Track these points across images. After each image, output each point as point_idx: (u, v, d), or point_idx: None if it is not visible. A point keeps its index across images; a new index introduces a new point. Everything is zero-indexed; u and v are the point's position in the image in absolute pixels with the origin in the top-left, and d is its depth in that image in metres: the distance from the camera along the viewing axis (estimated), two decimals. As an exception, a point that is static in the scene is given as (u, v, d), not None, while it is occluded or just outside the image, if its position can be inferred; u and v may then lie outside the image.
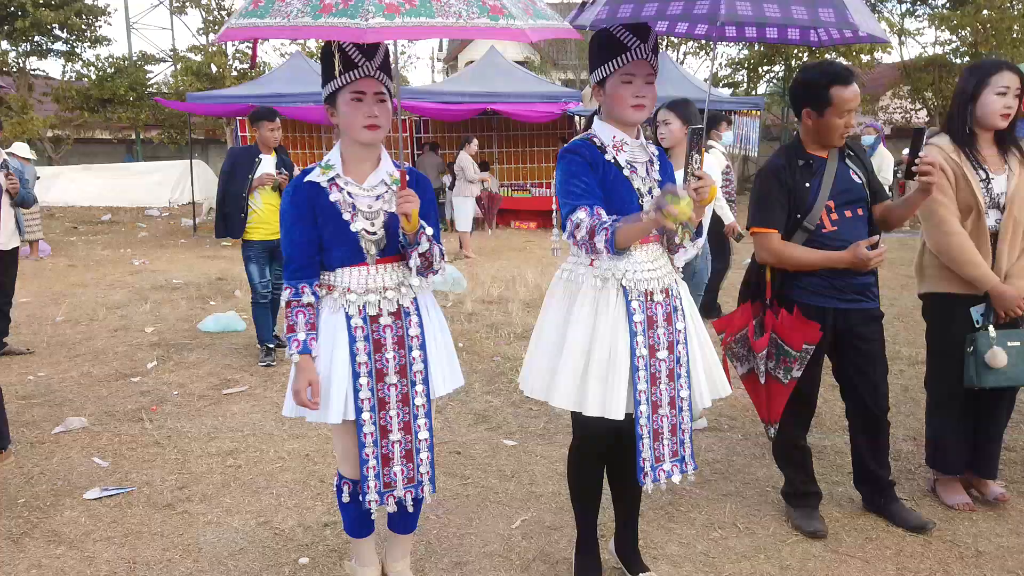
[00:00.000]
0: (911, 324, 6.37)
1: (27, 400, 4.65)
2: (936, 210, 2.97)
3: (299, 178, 2.26)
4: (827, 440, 3.91)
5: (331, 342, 2.24)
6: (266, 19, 1.89)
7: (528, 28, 1.93)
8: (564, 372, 2.32)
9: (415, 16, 1.81)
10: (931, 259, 3.10)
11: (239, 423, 4.25)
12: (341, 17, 1.78)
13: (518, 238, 12.99)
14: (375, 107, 2.19)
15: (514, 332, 6.21)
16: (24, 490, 3.44)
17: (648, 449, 2.34)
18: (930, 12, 20.25)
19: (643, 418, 2.32)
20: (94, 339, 6.14)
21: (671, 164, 2.53)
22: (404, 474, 2.32)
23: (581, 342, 2.31)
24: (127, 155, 24.45)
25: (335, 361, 2.23)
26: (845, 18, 2.28)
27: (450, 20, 1.84)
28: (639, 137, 2.41)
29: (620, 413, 2.29)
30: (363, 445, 2.26)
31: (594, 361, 2.29)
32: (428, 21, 1.82)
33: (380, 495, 2.30)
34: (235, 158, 5.48)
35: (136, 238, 13.36)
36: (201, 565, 2.80)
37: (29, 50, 22.61)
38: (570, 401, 2.32)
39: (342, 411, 2.23)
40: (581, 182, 2.27)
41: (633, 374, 2.29)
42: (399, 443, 2.30)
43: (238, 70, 21.16)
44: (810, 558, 2.82)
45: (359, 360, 2.24)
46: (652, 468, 2.36)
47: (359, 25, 1.76)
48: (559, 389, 2.33)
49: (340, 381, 2.23)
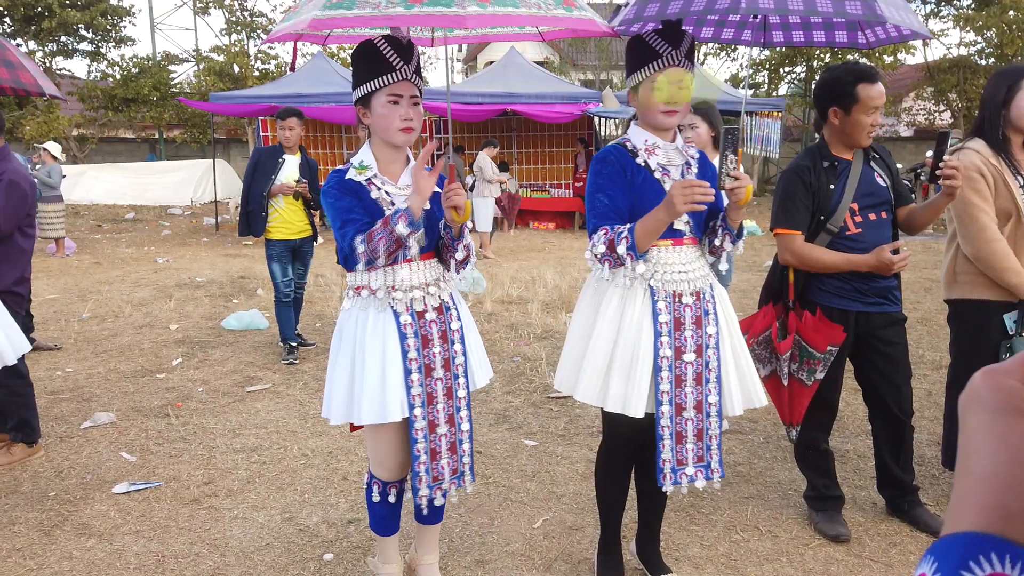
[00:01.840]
0: (934, 328, 6.32)
1: (56, 395, 4.73)
2: (977, 216, 2.93)
3: (340, 175, 2.26)
4: (849, 444, 3.90)
5: (382, 342, 2.24)
6: (355, 10, 1.90)
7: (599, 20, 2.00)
8: (589, 367, 2.35)
9: (503, 6, 1.87)
10: (966, 265, 3.04)
11: (263, 420, 4.30)
12: (436, 6, 1.82)
13: (537, 238, 13.00)
14: (410, 110, 2.21)
15: (533, 333, 6.23)
16: (54, 483, 3.51)
17: (669, 451, 2.35)
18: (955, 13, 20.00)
19: (664, 419, 2.33)
20: (120, 336, 6.23)
21: (713, 166, 2.52)
22: (450, 466, 2.36)
23: (606, 339, 2.33)
24: (150, 154, 24.74)
25: (387, 360, 2.23)
26: (873, 10, 2.27)
27: (532, 10, 1.91)
28: (675, 140, 2.41)
29: (640, 411, 2.30)
30: (415, 441, 2.27)
31: (617, 358, 2.32)
32: (514, 11, 1.88)
33: (430, 488, 2.32)
34: (259, 157, 5.53)
35: (159, 236, 13.52)
36: (228, 559, 2.84)
37: (55, 50, 22.94)
38: (592, 396, 2.35)
39: (400, 409, 2.24)
40: (606, 197, 2.31)
41: (656, 374, 2.31)
42: (445, 436, 2.33)
43: (260, 70, 21.37)
44: (833, 562, 2.82)
45: (410, 356, 2.25)
46: (673, 471, 2.37)
47: (457, 13, 1.80)
48: (583, 383, 2.36)
49: (395, 379, 2.23)
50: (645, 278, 2.33)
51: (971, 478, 0.51)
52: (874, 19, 2.32)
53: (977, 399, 0.53)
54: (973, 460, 0.51)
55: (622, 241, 2.20)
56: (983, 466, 0.50)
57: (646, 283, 2.33)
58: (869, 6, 2.29)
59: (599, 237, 2.27)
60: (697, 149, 2.51)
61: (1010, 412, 0.51)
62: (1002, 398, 0.51)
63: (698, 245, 2.43)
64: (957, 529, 0.49)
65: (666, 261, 2.34)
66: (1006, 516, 0.48)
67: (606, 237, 2.25)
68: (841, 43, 2.99)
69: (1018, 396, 0.51)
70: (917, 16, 2.70)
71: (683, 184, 2.11)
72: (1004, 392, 0.52)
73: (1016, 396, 0.51)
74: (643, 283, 2.33)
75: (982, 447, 0.51)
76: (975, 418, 0.52)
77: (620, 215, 2.30)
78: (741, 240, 2.43)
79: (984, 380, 0.53)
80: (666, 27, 2.30)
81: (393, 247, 2.11)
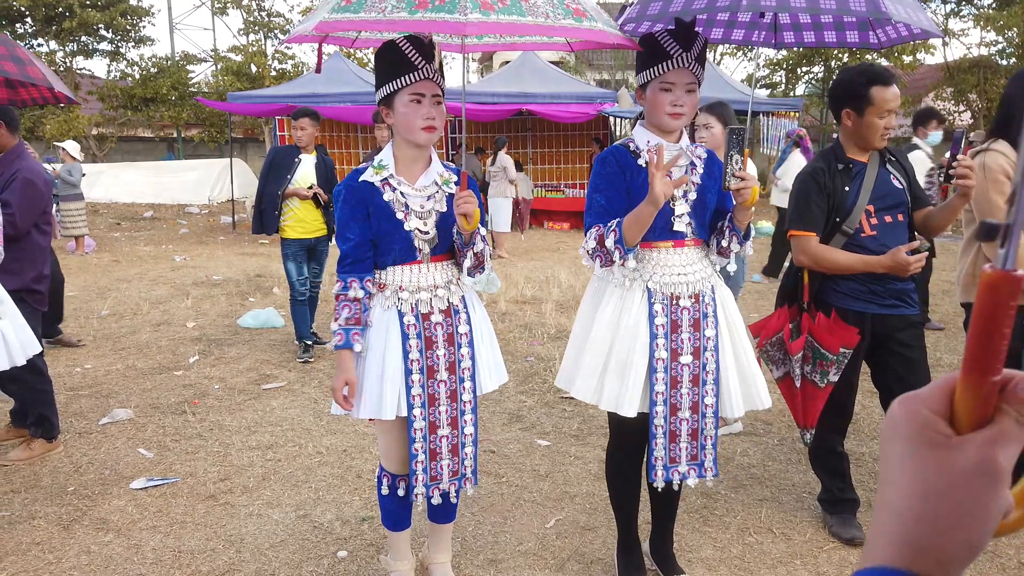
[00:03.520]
0: (952, 331, 6.26)
1: (75, 391, 4.79)
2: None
3: (352, 178, 2.29)
4: (865, 447, 3.87)
5: (384, 339, 2.27)
6: (360, 14, 1.92)
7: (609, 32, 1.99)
8: (585, 366, 2.38)
9: (507, 14, 1.87)
10: None
11: (278, 417, 4.33)
12: (439, 12, 1.83)
13: (551, 238, 13.00)
14: (432, 108, 2.22)
15: (547, 333, 6.23)
16: (73, 478, 3.55)
17: (662, 448, 2.38)
18: (975, 12, 19.78)
19: (659, 418, 2.36)
20: (138, 333, 6.29)
21: (721, 164, 2.50)
22: (450, 468, 2.37)
23: (603, 339, 2.36)
24: (168, 153, 24.97)
25: (388, 358, 2.26)
26: (877, 7, 2.26)
27: (539, 19, 1.91)
28: (680, 141, 2.41)
29: (632, 411, 2.32)
30: (413, 440, 2.30)
31: (613, 359, 2.34)
32: (520, 19, 1.88)
33: (427, 488, 2.34)
34: (274, 157, 5.57)
35: (177, 235, 13.64)
36: (243, 556, 2.87)
37: (76, 50, 23.21)
38: (588, 394, 2.38)
39: (395, 407, 2.27)
40: (602, 197, 2.34)
41: (651, 375, 2.32)
42: (446, 438, 2.35)
43: (277, 70, 21.50)
44: (847, 566, 2.80)
45: (411, 357, 2.28)
46: (665, 468, 2.40)
47: (458, 20, 1.81)
48: (579, 382, 2.40)
49: (394, 378, 2.26)
50: (644, 279, 2.34)
51: (885, 510, 0.49)
52: (878, 15, 2.30)
53: (894, 428, 0.51)
54: (888, 491, 0.50)
55: (610, 234, 2.23)
56: (897, 498, 0.49)
57: (644, 284, 2.34)
58: (874, 4, 2.27)
59: (591, 233, 2.31)
60: (706, 149, 2.50)
61: (922, 443, 0.49)
62: (915, 428, 0.50)
63: (702, 247, 2.43)
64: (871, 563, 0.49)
65: (666, 263, 2.35)
66: (916, 551, 0.47)
67: (597, 232, 2.29)
68: (853, 43, 2.97)
69: (931, 426, 0.49)
70: (926, 13, 2.68)
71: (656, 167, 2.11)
72: (918, 422, 0.50)
73: (929, 426, 0.49)
74: (641, 284, 2.35)
75: (897, 478, 0.49)
76: (891, 447, 0.51)
77: (615, 216, 2.30)
78: (749, 241, 2.42)
79: (900, 408, 0.51)
80: (679, 27, 2.29)
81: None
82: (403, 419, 2.31)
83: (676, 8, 2.31)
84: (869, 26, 2.92)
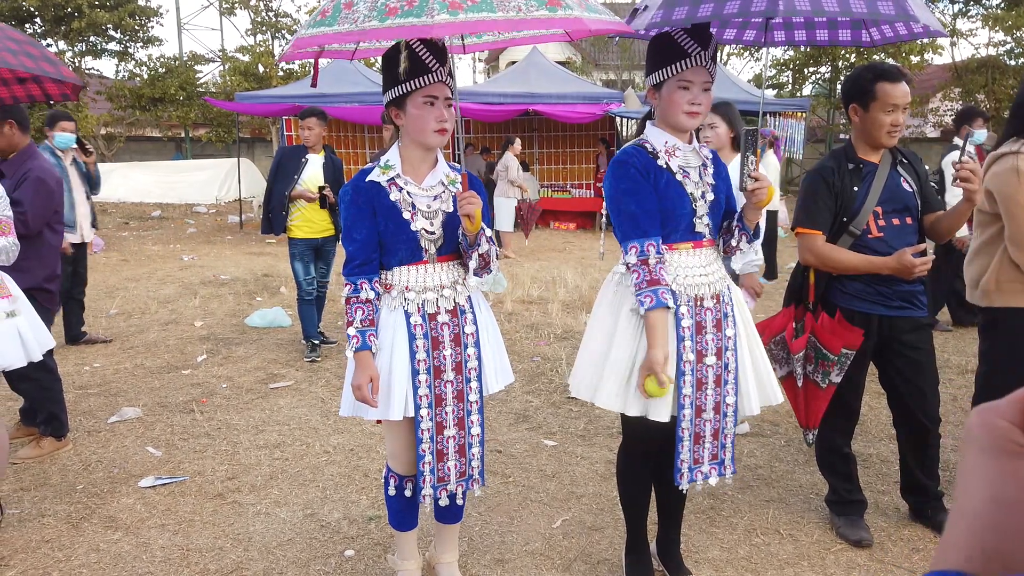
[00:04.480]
0: (960, 333, 6.24)
1: (84, 390, 4.82)
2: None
3: (359, 178, 2.30)
4: (872, 448, 3.86)
5: (391, 340, 2.28)
6: (335, 27, 1.95)
7: (587, 18, 1.97)
8: (610, 374, 2.34)
9: (477, 12, 1.86)
10: (1012, 274, 2.91)
11: (286, 417, 4.35)
12: (407, 17, 1.84)
13: (558, 239, 13.00)
14: (444, 111, 2.22)
15: (554, 333, 6.23)
16: (82, 477, 3.57)
17: (688, 451, 2.37)
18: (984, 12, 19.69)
19: (685, 421, 2.34)
20: (146, 332, 6.32)
21: (725, 166, 2.51)
22: (457, 468, 2.38)
23: (628, 345, 2.33)
24: (176, 153, 25.03)
25: (395, 359, 2.27)
26: (905, 10, 2.26)
27: (510, 14, 1.89)
28: (692, 141, 2.41)
29: (665, 416, 2.30)
30: (420, 441, 2.31)
31: (639, 364, 2.31)
32: (489, 16, 1.86)
33: (434, 489, 2.35)
34: (281, 157, 5.59)
35: (185, 234, 13.68)
36: (251, 554, 2.88)
37: (84, 50, 23.28)
38: (614, 402, 2.35)
39: (402, 408, 2.27)
40: (633, 202, 2.27)
41: (679, 378, 2.31)
42: (453, 438, 2.35)
43: (284, 70, 21.55)
44: (855, 567, 2.79)
45: (418, 358, 2.28)
46: (689, 469, 2.39)
47: (425, 23, 1.82)
48: (604, 390, 2.36)
49: (400, 379, 2.27)
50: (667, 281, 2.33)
51: (959, 516, 0.51)
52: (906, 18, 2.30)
53: (971, 438, 0.53)
54: (963, 499, 0.52)
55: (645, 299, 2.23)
56: (971, 506, 0.51)
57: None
58: (902, 6, 2.27)
59: (633, 263, 2.27)
60: (710, 149, 2.50)
61: (997, 453, 0.51)
62: (992, 438, 0.51)
63: (715, 247, 2.43)
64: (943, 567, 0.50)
65: (687, 264, 2.34)
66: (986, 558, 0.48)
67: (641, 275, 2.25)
68: (845, 41, 2.95)
69: (1006, 436, 0.51)
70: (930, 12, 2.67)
71: None
72: (993, 432, 0.51)
73: (1004, 436, 0.51)
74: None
75: (971, 487, 0.51)
76: (969, 457, 0.53)
77: (652, 217, 2.27)
78: (757, 240, 2.43)
79: (976, 418, 0.53)
80: (695, 26, 2.29)
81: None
82: (410, 420, 2.32)
83: (705, 12, 2.27)
84: (862, 24, 2.91)
